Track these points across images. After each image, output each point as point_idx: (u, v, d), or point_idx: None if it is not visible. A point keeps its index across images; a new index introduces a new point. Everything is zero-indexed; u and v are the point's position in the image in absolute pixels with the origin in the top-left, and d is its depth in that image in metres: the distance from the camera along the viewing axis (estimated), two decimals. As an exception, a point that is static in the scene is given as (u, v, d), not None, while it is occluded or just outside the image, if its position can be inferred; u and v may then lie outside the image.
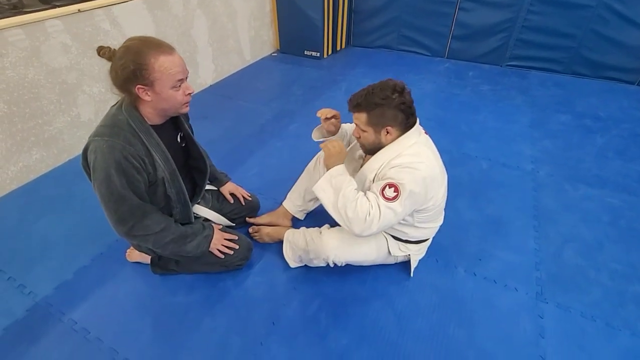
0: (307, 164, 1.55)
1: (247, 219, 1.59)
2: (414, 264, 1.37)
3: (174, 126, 1.18)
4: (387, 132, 1.08)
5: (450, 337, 1.20)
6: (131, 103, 0.99)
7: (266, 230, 1.53)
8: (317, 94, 2.93)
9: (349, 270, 1.39)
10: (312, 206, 1.60)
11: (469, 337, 1.20)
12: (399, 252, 1.30)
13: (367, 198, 1.05)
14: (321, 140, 1.41)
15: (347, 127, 1.43)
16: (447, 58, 3.62)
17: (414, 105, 1.08)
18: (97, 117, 2.17)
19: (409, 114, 1.07)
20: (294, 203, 1.57)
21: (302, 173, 1.56)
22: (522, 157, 2.12)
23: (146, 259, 1.42)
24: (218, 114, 2.62)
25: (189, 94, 1.02)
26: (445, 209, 1.30)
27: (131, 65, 0.89)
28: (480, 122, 2.49)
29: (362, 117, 1.08)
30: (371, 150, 1.16)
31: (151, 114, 1.02)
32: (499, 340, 1.19)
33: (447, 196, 1.24)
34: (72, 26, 1.91)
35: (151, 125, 1.03)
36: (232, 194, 1.52)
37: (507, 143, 2.25)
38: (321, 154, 1.55)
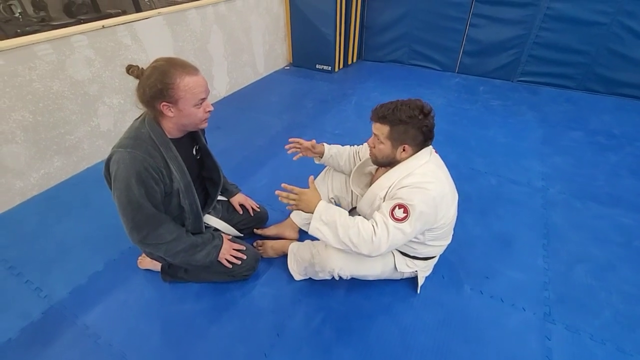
0: (316, 177, 1.58)
1: (255, 230, 1.62)
2: (421, 281, 1.37)
3: (191, 139, 1.24)
4: (404, 150, 1.10)
5: (455, 354, 1.20)
6: (154, 118, 1.05)
7: (270, 243, 1.55)
8: (327, 107, 2.98)
9: (354, 285, 1.40)
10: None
11: (474, 356, 1.19)
12: (406, 268, 1.30)
13: (373, 219, 1.06)
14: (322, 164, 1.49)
15: (339, 149, 1.49)
16: (457, 73, 3.65)
17: (434, 129, 1.10)
18: (115, 127, 2.26)
19: (429, 137, 1.10)
20: (301, 216, 1.60)
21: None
22: (532, 173, 2.11)
23: (157, 266, 1.46)
24: (231, 124, 2.70)
25: (209, 111, 1.08)
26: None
27: (158, 84, 0.96)
28: (490, 138, 2.49)
29: (384, 129, 1.09)
30: (381, 162, 1.17)
31: (172, 128, 1.08)
32: (504, 358, 1.18)
33: None
34: (96, 41, 2.02)
35: (170, 139, 1.09)
36: (241, 205, 1.55)
37: (516, 159, 2.24)
38: (328, 169, 1.58)
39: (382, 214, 1.05)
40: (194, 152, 1.26)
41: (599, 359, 1.18)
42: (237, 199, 1.55)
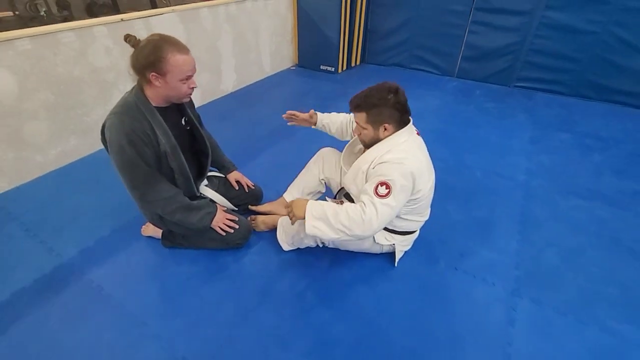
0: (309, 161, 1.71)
1: (249, 206, 1.75)
2: (398, 254, 1.48)
3: (178, 111, 1.36)
4: (385, 129, 1.20)
5: (425, 319, 1.30)
6: (140, 88, 1.17)
7: (262, 218, 1.67)
8: (328, 104, 3.13)
9: (338, 257, 1.52)
10: (309, 199, 1.74)
11: (442, 321, 1.29)
12: (384, 240, 1.41)
13: (361, 201, 1.16)
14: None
15: (333, 117, 1.61)
16: (456, 77, 3.77)
17: (407, 104, 1.21)
18: (128, 112, 2.44)
19: (403, 111, 1.19)
20: (293, 195, 1.72)
21: (300, 169, 1.72)
22: (517, 169, 2.21)
23: (158, 233, 1.60)
24: (235, 117, 2.86)
25: (192, 88, 1.20)
26: (434, 210, 1.41)
27: (151, 56, 1.07)
28: (481, 137, 2.60)
29: (362, 116, 1.20)
30: (371, 144, 1.28)
31: (157, 97, 1.19)
32: (470, 325, 1.28)
33: (438, 198, 1.35)
34: (115, 32, 2.21)
35: (156, 107, 1.20)
36: (237, 182, 1.69)
37: (503, 156, 2.35)
38: (321, 152, 1.71)
39: (367, 194, 1.15)
40: (183, 122, 1.38)
41: (558, 327, 1.27)
42: (234, 176, 1.69)
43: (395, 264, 1.50)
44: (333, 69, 3.83)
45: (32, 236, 1.66)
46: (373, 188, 1.14)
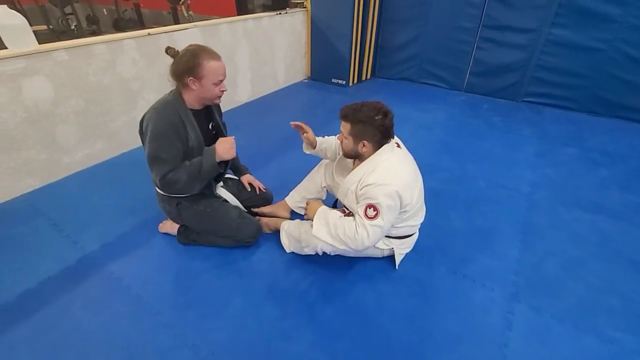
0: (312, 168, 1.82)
1: (252, 209, 1.84)
2: (398, 257, 1.54)
3: (208, 116, 1.52)
4: (364, 145, 1.27)
5: (423, 318, 1.35)
6: (179, 91, 1.36)
7: (265, 220, 1.76)
8: (337, 115, 3.23)
9: (341, 259, 1.59)
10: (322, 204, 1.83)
11: (440, 320, 1.34)
12: (383, 245, 1.49)
13: (356, 221, 1.26)
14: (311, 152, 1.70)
15: (329, 140, 1.68)
16: (464, 91, 3.85)
17: (392, 129, 1.27)
18: (149, 119, 2.60)
19: (386, 135, 1.26)
20: (294, 199, 1.81)
21: (305, 176, 1.82)
22: (521, 181, 2.25)
23: (174, 230, 1.71)
24: (249, 125, 3.00)
25: (223, 91, 1.38)
26: (436, 217, 1.48)
27: (190, 62, 1.27)
28: (486, 149, 2.65)
29: (347, 126, 1.27)
30: (349, 154, 1.37)
31: (192, 100, 1.37)
32: (468, 326, 1.32)
33: (441, 206, 1.42)
34: (142, 45, 2.39)
35: (190, 109, 1.38)
36: (249, 184, 1.80)
37: (508, 168, 2.39)
38: (323, 161, 1.80)
39: (358, 215, 1.25)
40: (210, 127, 1.53)
41: (555, 334, 1.30)
42: (247, 178, 1.80)
43: (396, 267, 1.56)
44: (344, 82, 3.97)
45: (58, 231, 1.79)
46: (362, 210, 1.25)
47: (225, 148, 1.41)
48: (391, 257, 1.59)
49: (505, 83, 3.56)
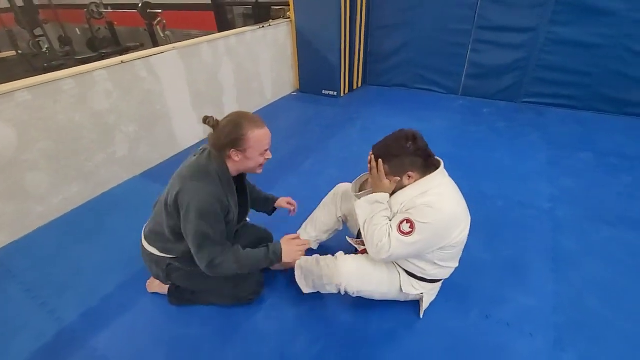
0: (323, 198, 1.62)
1: None
2: (425, 305, 1.36)
3: (242, 184, 1.38)
4: (409, 177, 1.15)
5: (461, 384, 1.17)
6: (222, 158, 1.18)
7: None
8: (333, 131, 3.06)
9: (357, 309, 1.41)
10: (326, 237, 1.65)
11: (481, 385, 1.16)
12: (412, 289, 1.30)
13: (386, 227, 1.13)
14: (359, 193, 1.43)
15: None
16: (461, 95, 3.71)
17: (428, 147, 1.15)
18: (130, 153, 2.38)
19: (426, 156, 1.14)
20: (309, 233, 1.63)
21: (318, 205, 1.63)
22: (540, 195, 2.09)
23: (164, 289, 1.50)
24: (240, 150, 2.79)
25: (267, 159, 1.23)
26: None
27: (233, 134, 1.12)
28: (496, 160, 2.50)
29: (385, 167, 1.16)
30: (396, 191, 1.21)
31: (232, 169, 1.21)
32: (513, 390, 1.15)
33: None
34: (115, 75, 2.17)
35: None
36: (288, 203, 1.61)
37: (523, 181, 2.23)
38: (338, 187, 1.61)
39: (390, 225, 1.14)
40: (244, 196, 1.39)
41: (614, 390, 1.13)
42: (283, 200, 1.61)
43: (421, 316, 1.37)
44: (335, 93, 3.78)
45: (32, 297, 1.57)
46: (399, 221, 1.12)
47: (292, 251, 1.27)
48: (412, 304, 1.40)
49: (504, 85, 3.42)
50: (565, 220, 1.89)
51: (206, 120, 1.15)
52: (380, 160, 1.16)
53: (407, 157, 1.12)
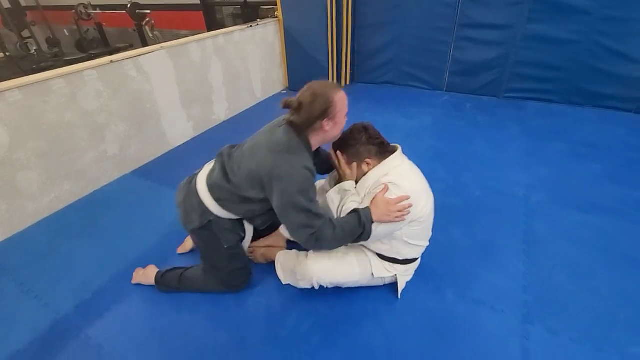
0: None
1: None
2: (401, 286, 1.44)
3: None
4: (368, 164, 1.29)
5: (437, 357, 1.25)
6: (305, 135, 1.18)
7: (261, 251, 1.65)
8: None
9: (341, 292, 1.48)
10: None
11: (455, 358, 1.25)
12: (385, 272, 1.38)
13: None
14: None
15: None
16: (446, 91, 3.81)
17: (381, 136, 1.30)
18: (121, 152, 2.42)
19: (379, 143, 1.28)
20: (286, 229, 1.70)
21: None
22: (516, 184, 2.19)
23: (149, 280, 1.56)
24: (229, 147, 2.84)
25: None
26: (437, 234, 1.39)
27: (323, 105, 1.11)
28: (476, 152, 2.60)
29: (344, 157, 1.32)
30: (360, 178, 1.33)
31: (317, 142, 1.23)
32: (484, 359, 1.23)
33: (440, 221, 1.35)
34: (105, 75, 2.21)
35: None
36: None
37: (501, 171, 2.34)
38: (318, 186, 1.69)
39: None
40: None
41: (577, 359, 1.23)
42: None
43: (399, 296, 1.46)
44: (324, 91, 3.86)
45: (26, 291, 1.61)
46: (368, 203, 1.22)
47: (383, 212, 1.16)
48: (393, 286, 1.48)
49: (485, 80, 3.54)
50: (539, 206, 1.99)
51: (287, 102, 1.14)
52: (339, 152, 1.30)
53: (362, 146, 1.26)
